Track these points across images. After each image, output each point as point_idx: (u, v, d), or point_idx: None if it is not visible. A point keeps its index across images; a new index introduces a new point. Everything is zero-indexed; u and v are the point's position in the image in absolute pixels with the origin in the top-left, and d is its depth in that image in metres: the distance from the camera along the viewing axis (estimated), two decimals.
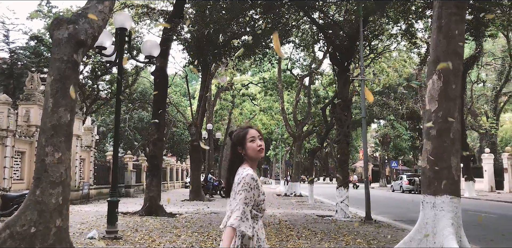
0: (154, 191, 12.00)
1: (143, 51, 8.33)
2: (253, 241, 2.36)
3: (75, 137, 16.12)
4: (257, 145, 2.45)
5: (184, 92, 38.79)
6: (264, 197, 2.45)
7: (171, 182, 33.68)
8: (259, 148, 2.45)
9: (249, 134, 2.48)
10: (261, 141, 2.48)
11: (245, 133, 2.49)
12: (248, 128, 2.53)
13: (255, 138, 2.46)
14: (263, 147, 2.47)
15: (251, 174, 2.38)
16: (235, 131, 2.57)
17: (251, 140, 2.46)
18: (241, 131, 2.52)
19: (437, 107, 5.69)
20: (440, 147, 5.60)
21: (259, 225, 2.44)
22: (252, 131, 2.49)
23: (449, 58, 5.73)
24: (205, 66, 16.77)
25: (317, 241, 7.38)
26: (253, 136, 2.47)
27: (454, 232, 5.28)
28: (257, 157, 2.47)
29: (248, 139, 2.46)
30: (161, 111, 12.36)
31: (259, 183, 2.42)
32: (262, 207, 2.43)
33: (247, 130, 2.51)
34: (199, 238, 7.51)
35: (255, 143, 2.45)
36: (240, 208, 2.31)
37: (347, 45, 12.93)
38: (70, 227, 8.80)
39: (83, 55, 6.26)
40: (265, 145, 2.60)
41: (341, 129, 12.37)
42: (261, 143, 2.47)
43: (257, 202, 2.40)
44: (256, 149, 2.45)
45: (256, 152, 2.45)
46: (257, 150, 2.45)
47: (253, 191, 2.36)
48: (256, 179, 2.39)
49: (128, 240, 7.23)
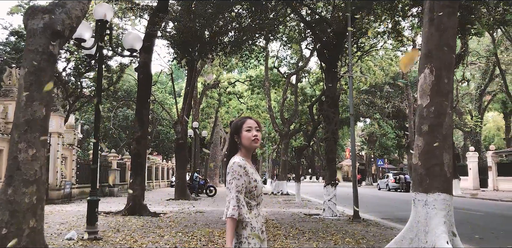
0: (138, 190, 11.67)
1: (125, 44, 8.00)
2: (247, 229, 2.38)
3: (57, 134, 15.69)
4: (252, 135, 2.49)
5: (170, 90, 38.32)
6: (256, 184, 2.46)
7: (156, 181, 33.25)
8: (254, 138, 2.49)
9: (246, 123, 2.53)
10: (258, 132, 2.52)
11: (243, 122, 2.54)
12: (247, 118, 2.58)
13: (252, 128, 2.50)
14: (258, 138, 2.50)
15: (237, 162, 2.43)
16: (235, 120, 2.62)
17: (247, 130, 2.50)
18: (240, 120, 2.57)
19: (429, 102, 5.52)
20: (432, 143, 5.44)
21: (253, 213, 2.44)
22: (250, 121, 2.54)
23: (441, 52, 5.57)
24: (190, 62, 16.44)
25: (305, 241, 7.18)
26: (249, 126, 2.51)
27: (446, 230, 5.12)
28: (251, 146, 2.50)
29: (245, 128, 2.51)
30: (144, 108, 12.03)
31: (249, 170, 2.45)
32: (254, 194, 2.45)
33: (245, 120, 2.56)
34: (183, 238, 7.25)
35: (251, 133, 2.49)
36: (234, 197, 2.36)
37: (335, 41, 12.77)
38: (49, 228, 8.47)
39: (60, 47, 5.94)
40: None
41: (328, 127, 12.21)
42: (256, 134, 2.50)
43: (249, 189, 2.43)
44: (251, 138, 2.48)
45: (250, 142, 2.49)
46: (251, 140, 2.49)
47: (243, 178, 2.41)
48: (243, 166, 2.43)
49: (109, 241, 6.93)
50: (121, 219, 10.17)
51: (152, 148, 39.58)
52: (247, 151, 2.53)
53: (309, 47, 20.99)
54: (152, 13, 12.67)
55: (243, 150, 2.52)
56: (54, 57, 5.83)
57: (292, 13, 15.76)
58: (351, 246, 6.73)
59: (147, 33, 11.77)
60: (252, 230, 2.39)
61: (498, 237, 8.35)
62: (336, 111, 12.38)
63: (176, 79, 49.75)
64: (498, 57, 26.11)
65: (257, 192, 2.46)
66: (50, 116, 15.32)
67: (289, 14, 15.42)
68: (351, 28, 11.65)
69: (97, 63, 7.24)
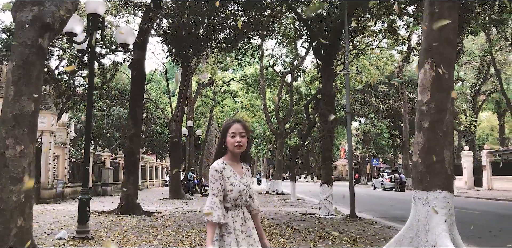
0: (131, 189, 11.47)
1: (117, 39, 7.79)
2: (221, 229, 2.48)
3: (49, 133, 15.46)
4: (235, 141, 2.53)
5: (164, 89, 38.04)
6: (232, 188, 2.51)
7: (151, 181, 33.00)
8: (236, 144, 2.53)
9: (232, 128, 2.56)
10: (243, 137, 2.56)
11: (228, 127, 2.58)
12: (234, 123, 2.59)
13: (236, 134, 2.54)
14: (241, 144, 2.55)
15: (214, 167, 2.52)
16: (226, 122, 2.68)
17: (231, 136, 2.55)
18: (227, 125, 2.61)
19: (430, 97, 5.39)
20: (433, 140, 5.30)
21: (230, 214, 2.51)
22: (236, 126, 2.56)
23: (442, 46, 5.44)
24: (185, 59, 16.24)
25: (302, 240, 7.03)
26: (234, 132, 2.55)
27: (447, 229, 4.99)
28: (233, 152, 2.56)
29: (230, 133, 2.55)
30: (138, 106, 11.84)
31: (226, 174, 2.52)
32: (231, 198, 2.52)
33: (231, 125, 2.58)
34: (177, 238, 7.08)
35: (234, 139, 2.54)
36: (210, 199, 2.48)
37: (331, 39, 12.63)
38: (39, 227, 8.28)
39: (49, 40, 5.74)
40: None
41: (324, 125, 12.08)
42: (240, 140, 2.54)
43: (225, 192, 2.51)
44: (234, 144, 2.54)
45: (233, 148, 2.54)
46: (234, 146, 2.54)
47: (218, 182, 2.49)
48: (220, 171, 2.51)
49: (101, 240, 6.75)
50: (113, 218, 9.98)
51: (147, 147, 39.30)
52: (232, 155, 2.59)
53: (304, 45, 20.91)
54: (146, 9, 12.47)
55: (229, 153, 2.59)
56: (44, 50, 5.64)
57: (288, 11, 15.63)
58: (349, 245, 6.59)
59: (140, 29, 11.56)
60: (227, 229, 2.48)
61: (496, 236, 8.26)
62: (332, 109, 12.24)
63: (170, 78, 49.46)
64: (493, 56, 26.09)
65: (234, 195, 2.52)
66: (41, 113, 14.94)
67: (284, 12, 15.28)
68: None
69: (89, 59, 7.05)
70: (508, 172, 27.82)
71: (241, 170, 2.64)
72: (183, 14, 11.63)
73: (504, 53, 30.74)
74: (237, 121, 2.62)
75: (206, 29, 12.69)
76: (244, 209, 2.59)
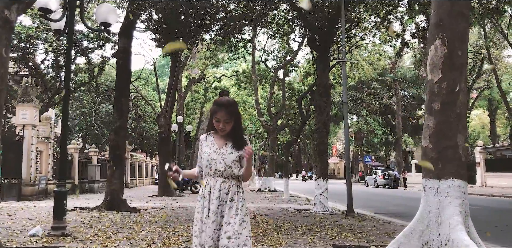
0: (116, 184, 10.86)
1: (98, 17, 7.15)
2: (199, 193, 2.73)
3: (31, 126, 14.76)
4: (218, 126, 2.68)
5: (153, 87, 37.24)
6: (203, 155, 2.73)
7: (140, 179, 32.31)
8: (219, 128, 2.68)
9: (217, 114, 2.66)
10: (226, 124, 2.67)
11: (215, 112, 2.67)
12: (221, 109, 2.65)
13: (220, 121, 2.65)
14: (223, 130, 2.69)
15: (200, 136, 2.84)
16: (215, 102, 2.73)
17: (216, 120, 2.68)
18: (214, 108, 2.69)
19: (441, 76, 4.86)
20: (445, 123, 4.78)
21: (205, 181, 2.70)
22: (221, 113, 2.65)
23: (454, 20, 4.93)
24: (174, 52, 15.59)
25: (299, 235, 6.49)
26: (218, 118, 2.66)
27: (462, 221, 4.47)
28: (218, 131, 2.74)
29: (215, 118, 2.68)
30: (124, 97, 11.22)
31: (205, 143, 2.77)
32: (202, 165, 2.74)
33: (218, 110, 2.66)
34: (162, 234, 6.50)
35: (218, 124, 2.67)
36: (197, 166, 2.84)
37: (327, 27, 12.12)
38: (13, 224, 7.63)
39: (18, 13, 5.15)
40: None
41: (320, 117, 11.56)
42: (222, 127, 2.67)
43: (203, 159, 2.74)
44: (218, 128, 2.69)
45: (217, 130, 2.71)
46: (218, 129, 2.70)
47: (200, 151, 2.79)
48: (201, 140, 2.80)
49: (78, 237, 6.14)
50: (96, 215, 9.36)
51: (136, 145, 38.49)
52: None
53: (297, 39, 20.39)
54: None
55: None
56: (11, 23, 5.03)
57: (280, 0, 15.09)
58: (350, 240, 6.07)
59: (126, 14, 10.92)
60: (200, 195, 2.71)
61: (504, 231, 7.81)
62: (328, 100, 11.73)
63: (160, 75, 48.65)
64: (489, 51, 25.77)
65: (204, 163, 2.71)
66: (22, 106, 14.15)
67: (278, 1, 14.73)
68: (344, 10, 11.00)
69: (67, 39, 6.43)
70: (502, 169, 27.60)
71: (223, 142, 2.73)
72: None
73: (498, 48, 30.50)
74: (224, 106, 2.65)
75: (196, 16, 12.06)
76: (217, 178, 2.66)
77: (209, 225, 2.56)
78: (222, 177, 2.65)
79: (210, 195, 2.62)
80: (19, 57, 21.60)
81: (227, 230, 2.53)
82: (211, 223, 2.56)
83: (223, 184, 2.64)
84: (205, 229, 2.56)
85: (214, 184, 2.64)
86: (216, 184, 2.63)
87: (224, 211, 2.59)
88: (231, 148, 2.70)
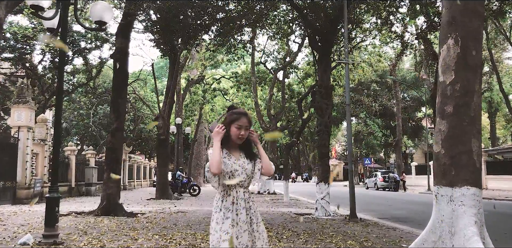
0: (113, 187, 10.57)
1: (92, 15, 6.87)
2: (218, 203, 2.74)
3: (26, 128, 14.47)
4: (239, 133, 2.73)
5: (152, 88, 36.94)
6: (226, 167, 2.73)
7: (138, 181, 31.97)
8: (240, 136, 2.73)
9: (240, 121, 2.72)
10: (246, 130, 2.75)
11: (236, 119, 2.73)
12: (243, 116, 2.74)
13: (242, 127, 2.72)
14: (243, 137, 2.75)
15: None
16: (234, 111, 2.79)
17: (237, 127, 2.72)
18: (236, 115, 2.75)
19: (454, 77, 4.61)
20: (458, 127, 4.52)
21: (223, 193, 2.72)
22: (244, 120, 2.73)
23: (467, 18, 4.67)
24: (173, 50, 15.30)
25: (302, 243, 6.21)
26: (240, 125, 2.72)
27: (478, 232, 4.21)
28: (235, 141, 2.77)
29: (236, 125, 2.72)
30: (121, 98, 10.94)
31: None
32: (228, 176, 2.72)
33: (240, 117, 2.73)
34: (160, 242, 6.22)
35: (239, 131, 2.72)
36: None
37: (328, 28, 11.86)
38: (5, 230, 7.34)
39: (6, 10, 4.88)
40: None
41: (321, 119, 11.30)
42: (243, 133, 2.74)
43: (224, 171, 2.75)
44: (237, 136, 2.73)
45: (236, 138, 2.75)
46: (237, 137, 2.74)
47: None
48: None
49: (71, 245, 5.85)
50: (92, 220, 9.07)
51: (135, 147, 38.17)
52: (232, 143, 2.80)
53: (297, 40, 20.10)
54: None
55: (230, 140, 2.77)
56: (0, 20, 4.77)
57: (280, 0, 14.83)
58: None
59: (124, 14, 10.65)
60: (217, 206, 2.71)
61: None
62: (330, 102, 11.48)
63: (159, 77, 48.36)
64: (491, 53, 25.55)
65: (230, 174, 2.73)
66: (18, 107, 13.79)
67: (278, 0, 14.47)
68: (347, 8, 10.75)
69: (60, 37, 6.14)
70: (503, 172, 27.35)
71: (238, 154, 2.79)
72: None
73: (499, 50, 30.32)
74: (245, 114, 2.75)
75: (195, 16, 11.78)
76: (239, 189, 2.72)
77: (242, 235, 2.64)
78: (243, 188, 2.75)
79: (235, 206, 2.67)
80: (16, 58, 21.31)
81: (259, 237, 2.72)
82: (243, 232, 2.65)
83: (245, 194, 2.75)
84: (237, 236, 2.63)
85: (237, 195, 2.71)
86: (240, 194, 2.72)
87: (253, 220, 2.72)
88: (246, 159, 2.80)
